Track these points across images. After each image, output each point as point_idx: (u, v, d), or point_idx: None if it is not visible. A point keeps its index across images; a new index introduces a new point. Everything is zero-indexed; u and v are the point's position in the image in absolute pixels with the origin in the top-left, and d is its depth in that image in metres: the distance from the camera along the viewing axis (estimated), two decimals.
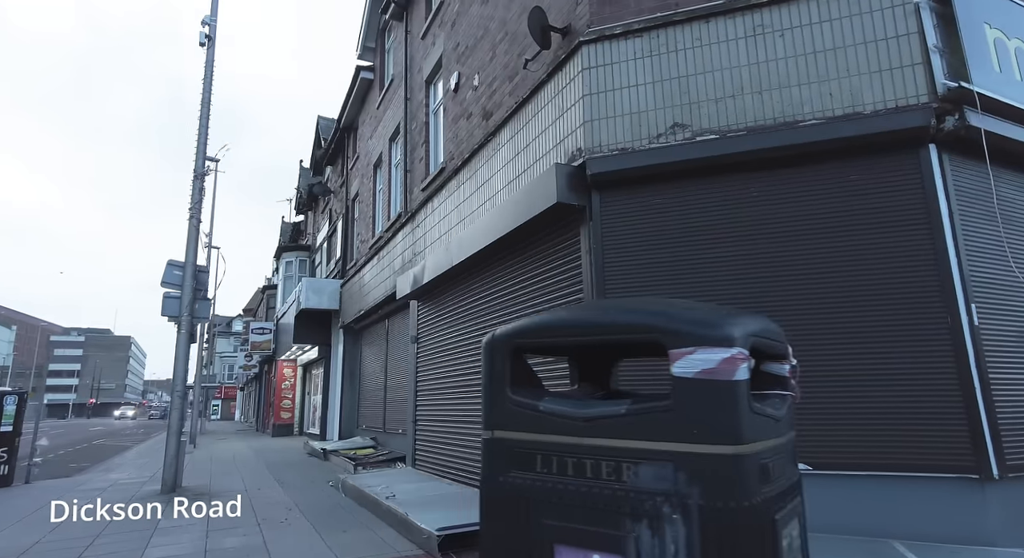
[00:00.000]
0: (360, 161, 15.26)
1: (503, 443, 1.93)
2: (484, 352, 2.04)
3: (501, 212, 6.19)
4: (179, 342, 8.41)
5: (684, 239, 4.82)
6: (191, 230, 8.78)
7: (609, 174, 5.00)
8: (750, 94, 4.76)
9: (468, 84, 8.34)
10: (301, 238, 25.88)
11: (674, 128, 4.95)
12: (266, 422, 24.38)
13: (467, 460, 7.16)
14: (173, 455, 8.03)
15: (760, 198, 4.65)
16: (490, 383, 2.01)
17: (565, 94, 5.59)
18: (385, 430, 11.84)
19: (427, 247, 9.06)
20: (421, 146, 10.32)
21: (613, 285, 4.94)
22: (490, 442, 1.98)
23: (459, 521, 4.72)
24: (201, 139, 9.05)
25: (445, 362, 8.18)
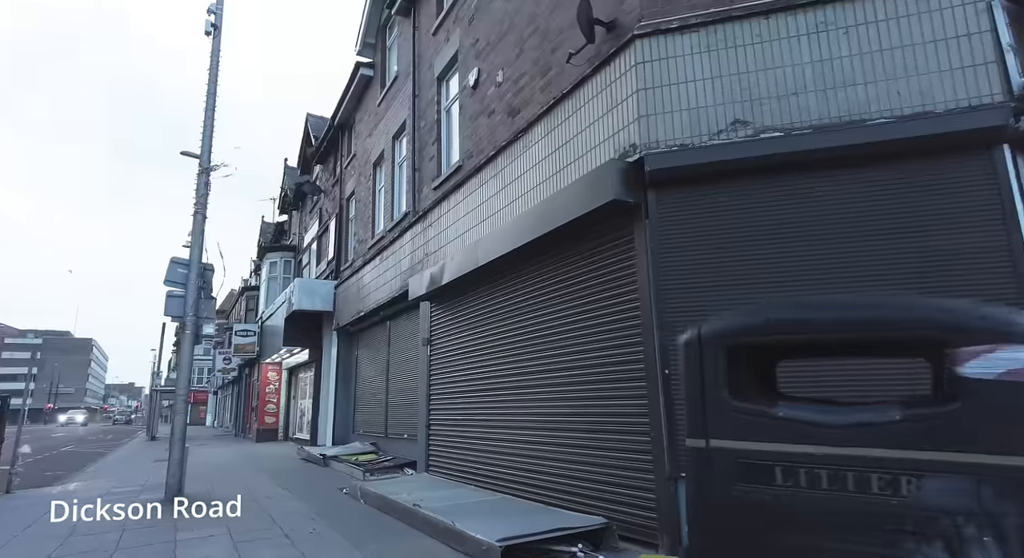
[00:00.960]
0: (357, 159, 14.91)
1: (725, 454, 1.75)
2: (686, 352, 1.85)
3: (540, 211, 6.01)
4: (184, 344, 8.01)
5: (745, 239, 4.69)
6: (196, 226, 8.38)
7: (668, 171, 4.86)
8: (814, 92, 4.68)
9: (490, 80, 8.14)
10: (284, 238, 25.27)
11: (735, 125, 4.84)
12: (247, 427, 23.66)
13: (491, 465, 6.94)
14: (177, 461, 7.63)
15: (825, 197, 4.55)
16: (699, 387, 1.81)
17: (615, 89, 5.44)
18: (387, 435, 11.52)
19: (442, 247, 8.82)
20: (432, 144, 10.07)
21: (671, 286, 4.79)
22: (705, 453, 1.79)
23: (517, 530, 4.50)
24: (207, 132, 8.68)
25: (464, 365, 7.94)
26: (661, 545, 4.50)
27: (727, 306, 4.61)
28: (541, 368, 6.13)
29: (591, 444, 5.31)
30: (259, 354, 20.55)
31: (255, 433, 20.22)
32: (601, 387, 5.27)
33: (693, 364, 1.85)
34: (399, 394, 11.13)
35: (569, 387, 5.68)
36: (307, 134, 19.76)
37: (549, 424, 5.91)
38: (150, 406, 34.17)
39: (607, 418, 5.16)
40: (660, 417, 4.61)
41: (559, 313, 5.94)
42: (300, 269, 20.65)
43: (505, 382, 6.80)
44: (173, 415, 7.84)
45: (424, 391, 9.11)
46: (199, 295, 8.15)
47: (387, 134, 12.63)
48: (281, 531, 5.68)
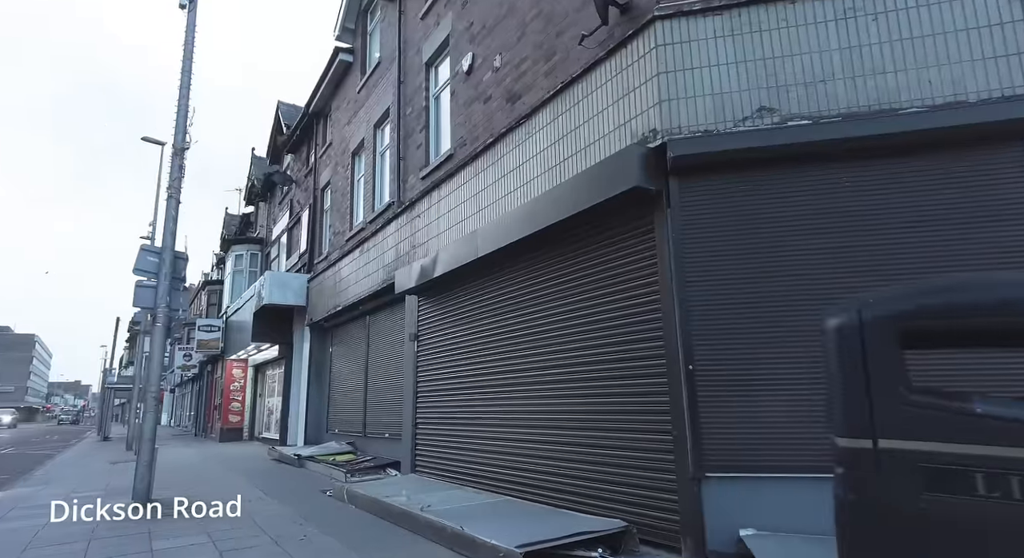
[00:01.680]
0: (334, 148, 14.38)
1: (901, 457, 1.49)
2: (839, 337, 1.60)
3: (550, 199, 5.74)
4: (155, 337, 7.46)
5: (772, 230, 4.53)
6: (169, 211, 7.82)
7: (692, 157, 4.65)
8: (842, 79, 4.54)
9: (486, 66, 7.84)
10: (251, 230, 24.37)
11: (761, 112, 4.66)
12: (209, 426, 22.73)
13: (489, 465, 6.65)
14: (147, 464, 7.09)
15: (853, 188, 4.42)
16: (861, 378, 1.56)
17: (631, 73, 5.21)
18: (366, 435, 11.09)
19: (432, 238, 8.47)
20: (419, 132, 9.70)
21: (694, 279, 4.59)
22: (873, 455, 1.53)
23: (536, 535, 4.24)
24: (181, 111, 8.11)
25: (458, 361, 7.62)
26: (684, 548, 4.30)
27: (754, 300, 4.46)
28: (549, 364, 5.86)
29: (605, 443, 5.07)
30: (224, 350, 19.72)
31: (219, 432, 19.39)
32: (618, 384, 5.03)
33: (851, 351, 1.61)
34: (380, 392, 10.72)
35: (581, 384, 5.43)
36: (278, 122, 19.04)
37: (558, 423, 5.66)
38: (102, 405, 32.66)
39: (624, 416, 4.93)
40: (683, 415, 4.41)
41: (570, 306, 5.69)
42: (268, 262, 19.91)
43: (506, 379, 6.51)
44: (143, 413, 7.30)
45: (411, 389, 8.74)
46: (172, 285, 7.60)
47: (368, 122, 12.17)
48: (269, 538, 5.27)
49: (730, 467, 4.29)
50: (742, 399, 4.35)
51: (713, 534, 4.20)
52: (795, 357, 4.28)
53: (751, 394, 4.34)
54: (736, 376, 4.39)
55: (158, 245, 7.93)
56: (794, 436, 4.20)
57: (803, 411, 4.21)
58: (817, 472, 4.11)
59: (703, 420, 4.38)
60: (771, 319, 4.39)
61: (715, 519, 4.23)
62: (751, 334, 4.41)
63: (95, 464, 13.47)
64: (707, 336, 4.49)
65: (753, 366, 4.37)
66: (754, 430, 4.29)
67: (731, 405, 4.36)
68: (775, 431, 4.25)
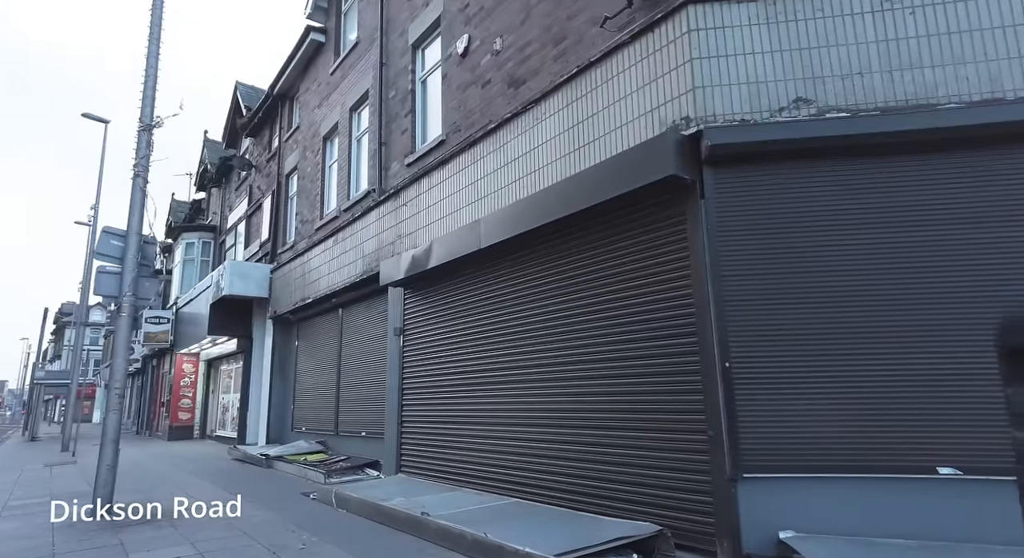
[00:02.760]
0: (302, 132, 13.68)
1: None
2: None
3: (568, 188, 5.49)
4: (119, 329, 6.80)
5: (808, 224, 4.41)
6: (135, 192, 7.15)
7: (729, 146, 4.49)
8: (879, 73, 4.46)
9: (484, 49, 7.51)
10: (201, 217, 23.12)
11: (797, 102, 4.54)
12: (154, 424, 21.45)
13: (492, 466, 6.37)
14: (109, 466, 6.46)
15: (894, 183, 4.36)
16: None
17: (659, 58, 5.01)
18: (338, 433, 10.59)
19: (422, 228, 8.08)
20: (404, 117, 9.27)
21: (730, 273, 4.43)
22: None
23: (569, 542, 3.99)
24: (149, 83, 7.42)
25: (452, 357, 7.29)
26: (720, 551, 4.14)
27: (792, 295, 4.34)
28: (565, 360, 5.61)
29: (632, 444, 4.87)
30: (173, 344, 18.61)
31: (167, 430, 18.30)
32: (645, 382, 4.83)
33: None
34: (355, 388, 10.24)
35: (604, 382, 5.21)
36: (236, 104, 18.05)
37: (576, 422, 5.42)
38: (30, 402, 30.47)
39: (654, 415, 4.73)
40: (720, 414, 4.25)
41: (590, 300, 5.45)
42: (223, 251, 18.89)
43: (513, 375, 6.22)
44: (107, 411, 6.63)
45: (395, 385, 8.34)
46: (139, 272, 6.95)
47: (343, 105, 11.60)
48: (263, 547, 4.83)
49: (768, 467, 4.16)
50: (781, 398, 4.22)
51: (750, 536, 4.06)
52: (836, 354, 4.18)
53: (790, 392, 4.21)
54: (774, 374, 4.26)
55: (122, 227, 7.25)
56: (835, 435, 4.11)
57: (845, 410, 4.12)
58: (858, 472, 4.06)
59: (740, 419, 4.23)
60: (811, 315, 4.27)
61: (752, 521, 4.09)
62: (790, 330, 4.28)
63: (28, 468, 12.38)
64: (744, 332, 4.34)
65: (792, 364, 4.25)
66: (793, 429, 4.17)
67: (769, 404, 4.23)
68: (815, 430, 4.14)
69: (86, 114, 18.09)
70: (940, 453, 3.93)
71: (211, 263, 19.79)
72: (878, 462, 4.02)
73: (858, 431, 4.08)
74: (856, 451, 4.06)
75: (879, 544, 3.84)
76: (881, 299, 4.19)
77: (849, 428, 4.10)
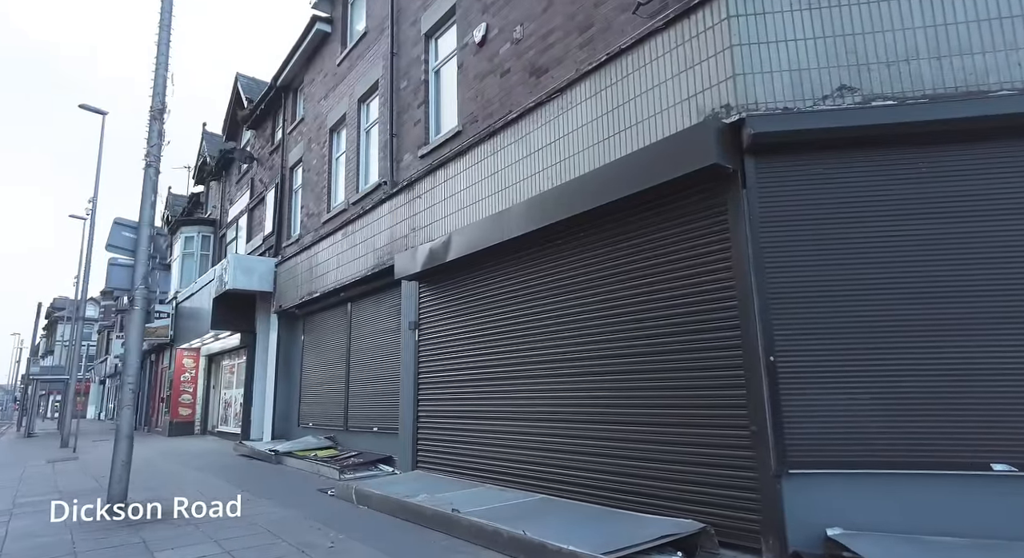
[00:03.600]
0: (307, 124, 13.48)
1: None
2: None
3: (600, 178, 5.36)
4: (132, 323, 6.63)
5: (854, 215, 4.30)
6: (147, 182, 6.98)
7: (772, 135, 4.37)
8: (927, 59, 4.36)
9: (503, 37, 7.37)
10: (200, 211, 22.85)
11: (842, 90, 4.43)
12: (153, 419, 21.22)
13: (515, 462, 6.26)
14: (124, 462, 6.32)
15: (941, 173, 4.26)
16: None
17: (696, 44, 4.89)
18: (347, 429, 10.46)
19: (438, 221, 7.94)
20: (418, 107, 9.11)
21: (774, 264, 4.32)
22: None
23: (614, 540, 3.89)
24: (160, 70, 7.24)
25: (472, 351, 7.16)
26: (765, 549, 4.05)
27: (839, 287, 4.24)
28: (596, 355, 5.49)
29: (670, 439, 4.76)
30: (173, 339, 18.39)
31: (167, 426, 18.09)
32: (685, 376, 4.72)
33: None
34: (365, 383, 10.10)
35: (639, 376, 5.09)
36: (237, 96, 17.79)
37: (610, 417, 5.30)
38: (24, 397, 30.17)
39: (695, 410, 4.63)
40: (764, 409, 4.15)
41: (624, 292, 5.32)
42: (224, 245, 18.66)
43: (540, 370, 6.10)
44: (120, 407, 6.47)
45: (410, 380, 8.21)
46: (150, 264, 6.78)
47: (350, 96, 11.42)
48: (290, 546, 4.70)
49: (814, 463, 4.07)
50: (828, 392, 4.13)
51: (796, 534, 3.97)
52: (885, 348, 4.09)
53: (838, 387, 4.12)
54: (821, 368, 4.16)
55: (133, 219, 7.09)
56: (883, 431, 4.02)
57: (893, 404, 4.02)
58: (907, 468, 3.97)
59: (786, 414, 4.13)
60: (859, 307, 4.18)
61: (798, 518, 4.00)
62: (837, 323, 4.19)
63: (30, 465, 12.21)
64: (789, 325, 4.24)
65: (839, 357, 4.15)
66: (840, 425, 4.08)
67: (816, 398, 4.13)
68: (863, 425, 4.05)
69: (83, 105, 17.85)
70: (994, 449, 3.85)
71: (211, 257, 19.56)
72: (928, 458, 3.93)
73: (907, 426, 3.99)
74: (905, 447, 3.97)
75: (931, 542, 3.75)
76: (932, 291, 4.09)
77: (898, 423, 4.01)
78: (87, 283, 18.19)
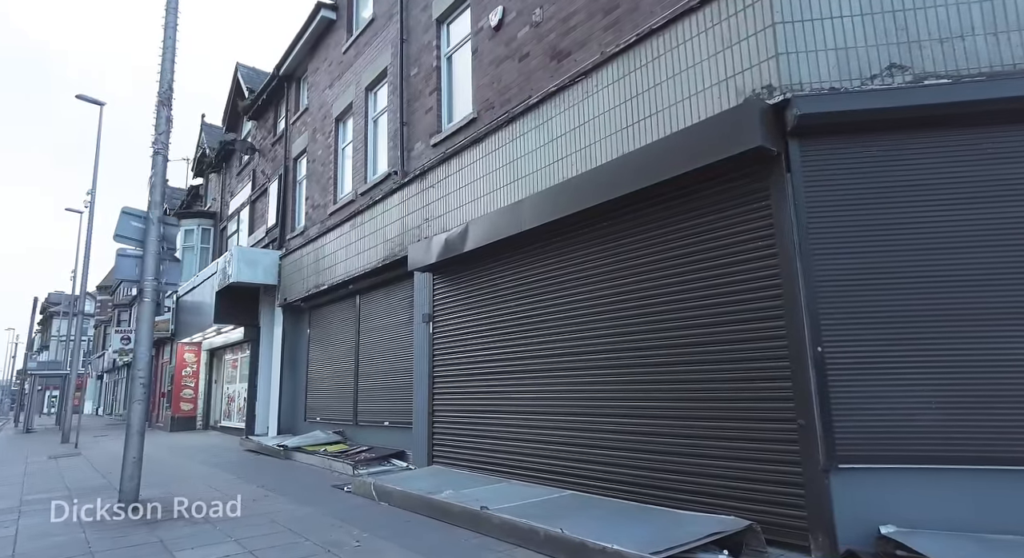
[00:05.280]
0: (311, 114, 13.22)
1: None
2: None
3: (630, 163, 5.17)
4: (143, 314, 6.42)
5: (907, 199, 4.12)
6: (156, 169, 6.76)
7: (819, 116, 4.18)
8: (982, 35, 4.16)
9: (521, 20, 7.14)
10: (199, 204, 22.57)
11: (891, 69, 4.24)
12: (154, 415, 21.00)
13: (538, 456, 6.10)
14: (135, 460, 6.12)
15: (999, 154, 4.07)
16: None
17: (734, 23, 4.69)
18: (357, 423, 10.28)
19: (453, 210, 7.74)
20: (429, 95, 8.88)
21: (822, 251, 4.15)
22: None
23: (660, 539, 3.72)
24: (167, 54, 7.01)
25: (492, 343, 6.98)
26: (814, 546, 3.89)
27: (890, 275, 4.06)
28: (628, 347, 5.31)
29: (710, 433, 4.59)
30: (174, 333, 18.15)
31: (168, 421, 17.89)
32: (726, 368, 4.54)
33: None
34: (375, 377, 9.92)
35: (675, 368, 4.91)
36: (237, 86, 17.50)
37: (640, 411, 5.13)
38: (21, 393, 29.92)
39: (737, 403, 4.45)
40: (811, 401, 3.98)
41: (657, 281, 5.13)
42: (225, 238, 18.41)
43: (567, 362, 5.92)
44: (131, 403, 6.27)
45: (425, 373, 8.02)
46: (160, 254, 6.57)
47: (357, 85, 11.17)
48: (314, 545, 4.52)
49: (865, 457, 3.91)
50: (879, 384, 3.96)
51: (846, 531, 3.81)
52: (940, 338, 3.92)
53: (890, 378, 3.95)
54: (872, 359, 3.99)
55: (140, 208, 6.86)
56: (938, 424, 3.85)
57: (950, 397, 3.86)
58: (964, 463, 3.81)
59: (834, 407, 3.96)
60: (911, 296, 4.00)
61: (847, 514, 3.84)
62: (888, 312, 4.01)
63: (33, 460, 12.02)
64: (838, 315, 4.06)
65: (891, 348, 3.98)
66: (893, 417, 3.91)
67: (866, 390, 3.97)
68: (916, 418, 3.88)
69: (80, 96, 17.53)
70: None
71: (211, 250, 19.31)
72: (987, 453, 3.77)
73: (964, 419, 3.83)
74: (962, 441, 3.81)
75: (992, 540, 3.60)
76: (994, 278, 3.92)
77: (954, 416, 3.84)
78: (86, 277, 17.89)
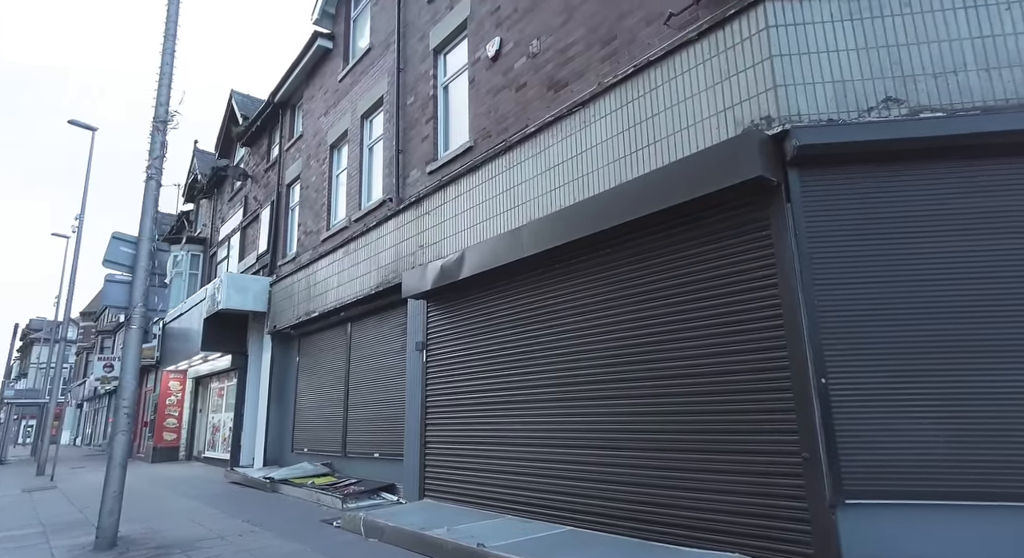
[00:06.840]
0: (306, 141, 13.25)
1: None
2: None
3: (628, 192, 5.15)
4: (129, 342, 6.26)
5: (908, 229, 4.13)
6: (148, 195, 6.69)
7: (818, 147, 4.21)
8: (975, 70, 4.24)
9: (518, 51, 7.23)
10: (187, 229, 22.40)
11: (887, 102, 4.29)
12: (135, 445, 20.44)
13: (533, 491, 5.93)
14: (116, 494, 5.89)
15: (995, 186, 4.11)
16: None
17: (733, 55, 4.75)
18: (346, 455, 10.03)
19: (448, 237, 7.70)
20: (426, 123, 8.92)
21: (823, 282, 4.13)
22: None
23: None
24: (164, 80, 7.00)
25: (486, 373, 6.86)
26: None
27: (894, 305, 4.04)
28: (627, 378, 5.22)
29: (711, 467, 4.48)
30: (159, 361, 17.81)
31: (150, 452, 17.41)
32: (726, 400, 4.46)
33: None
34: (365, 407, 9.72)
35: (675, 400, 4.82)
36: (231, 112, 17.56)
37: (640, 444, 5.01)
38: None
39: (739, 436, 4.36)
40: (816, 434, 3.90)
41: (656, 311, 5.08)
42: (215, 264, 18.23)
43: (562, 393, 5.81)
44: (114, 433, 6.06)
45: (417, 404, 7.87)
46: (150, 281, 6.44)
47: (353, 112, 11.22)
48: None
49: (872, 493, 3.82)
50: (886, 416, 3.90)
51: None
52: (947, 369, 3.88)
53: (896, 411, 3.89)
54: (877, 391, 3.94)
55: (132, 233, 6.76)
56: (949, 459, 3.78)
57: (958, 430, 3.80)
58: (976, 499, 3.72)
59: (840, 440, 3.89)
60: (915, 327, 3.97)
61: (855, 552, 3.74)
62: (893, 343, 3.97)
63: (5, 494, 11.59)
64: (841, 346, 4.02)
65: (897, 379, 3.93)
66: (901, 451, 3.84)
67: (873, 423, 3.90)
68: (925, 452, 3.81)
69: (73, 121, 17.52)
70: None
71: (200, 277, 19.12)
72: (998, 488, 3.69)
73: (973, 453, 3.76)
74: (973, 476, 3.74)
75: None
76: (999, 309, 3.90)
77: (963, 450, 3.78)
78: (70, 303, 17.58)
